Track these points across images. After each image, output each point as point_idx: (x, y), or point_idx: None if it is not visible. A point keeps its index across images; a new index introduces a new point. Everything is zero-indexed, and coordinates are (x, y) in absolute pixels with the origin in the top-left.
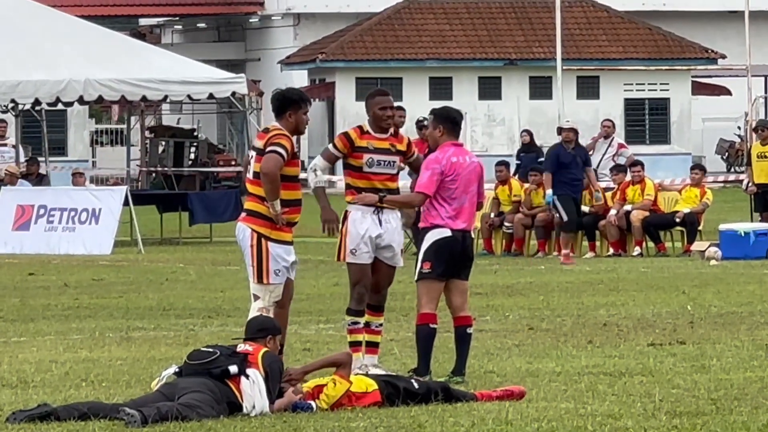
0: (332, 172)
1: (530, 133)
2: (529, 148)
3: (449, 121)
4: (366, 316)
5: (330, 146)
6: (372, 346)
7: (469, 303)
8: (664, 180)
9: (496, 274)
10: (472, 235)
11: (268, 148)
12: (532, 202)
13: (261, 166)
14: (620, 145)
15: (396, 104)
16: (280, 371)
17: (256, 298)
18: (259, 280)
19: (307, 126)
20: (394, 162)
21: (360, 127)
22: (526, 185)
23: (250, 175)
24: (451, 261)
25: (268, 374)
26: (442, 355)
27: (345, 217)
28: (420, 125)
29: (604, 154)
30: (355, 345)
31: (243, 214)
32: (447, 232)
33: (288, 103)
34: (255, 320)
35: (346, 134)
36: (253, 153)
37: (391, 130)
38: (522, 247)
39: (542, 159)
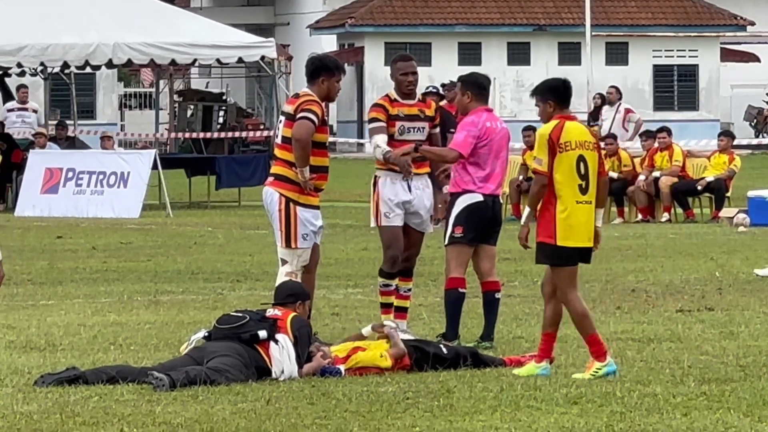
0: (360, 135)
1: None
2: None
3: (477, 87)
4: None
5: (374, 124)
6: (401, 311)
7: (497, 268)
8: (691, 142)
9: None
10: (501, 200)
11: (300, 114)
12: None
13: (293, 132)
14: (627, 111)
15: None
16: (308, 336)
17: (284, 262)
18: (287, 244)
19: (338, 95)
20: (423, 128)
21: (388, 96)
22: None
23: (278, 140)
24: (481, 226)
25: (297, 339)
26: (471, 321)
27: (375, 183)
28: (447, 88)
29: (612, 121)
30: (386, 306)
31: (270, 179)
32: (479, 197)
33: (323, 69)
34: (285, 285)
35: (380, 105)
36: (282, 118)
37: (419, 95)
38: None
39: (593, 125)
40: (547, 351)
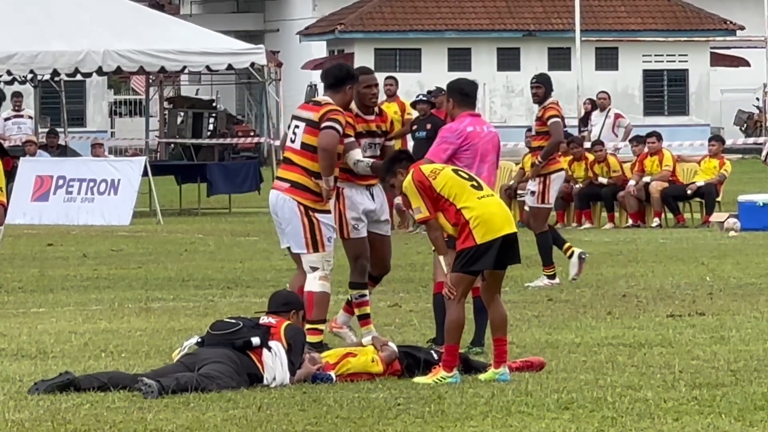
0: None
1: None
2: None
3: (458, 93)
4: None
5: (350, 140)
6: (366, 318)
7: None
8: (684, 144)
9: None
10: None
11: (325, 123)
12: (573, 172)
13: (319, 142)
14: (617, 116)
15: (389, 74)
16: (302, 344)
17: (314, 269)
18: (316, 249)
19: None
20: (378, 144)
21: (351, 110)
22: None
23: (296, 146)
24: None
25: (291, 346)
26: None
27: (338, 195)
28: (433, 95)
29: (602, 126)
30: (364, 318)
31: (285, 185)
32: None
33: (348, 78)
34: (279, 294)
35: (347, 123)
36: (300, 124)
37: (376, 109)
38: None
39: (583, 130)
40: (501, 356)
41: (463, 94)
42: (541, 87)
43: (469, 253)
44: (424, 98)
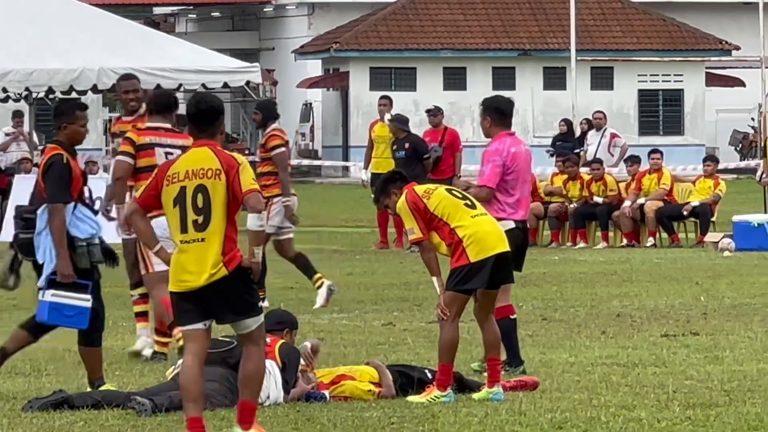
0: (345, 159)
1: (568, 123)
2: (565, 137)
3: (496, 111)
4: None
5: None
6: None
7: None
8: (677, 168)
9: None
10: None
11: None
12: (568, 191)
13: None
14: (613, 135)
15: (384, 94)
16: (297, 363)
17: None
18: None
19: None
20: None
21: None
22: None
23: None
24: (514, 253)
25: (285, 365)
26: (467, 345)
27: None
28: (432, 114)
29: (598, 146)
30: (141, 315)
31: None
32: (511, 224)
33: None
34: (274, 313)
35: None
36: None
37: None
38: (535, 237)
39: (578, 150)
40: (495, 375)
41: (501, 113)
42: (259, 114)
43: (463, 271)
44: (398, 118)
